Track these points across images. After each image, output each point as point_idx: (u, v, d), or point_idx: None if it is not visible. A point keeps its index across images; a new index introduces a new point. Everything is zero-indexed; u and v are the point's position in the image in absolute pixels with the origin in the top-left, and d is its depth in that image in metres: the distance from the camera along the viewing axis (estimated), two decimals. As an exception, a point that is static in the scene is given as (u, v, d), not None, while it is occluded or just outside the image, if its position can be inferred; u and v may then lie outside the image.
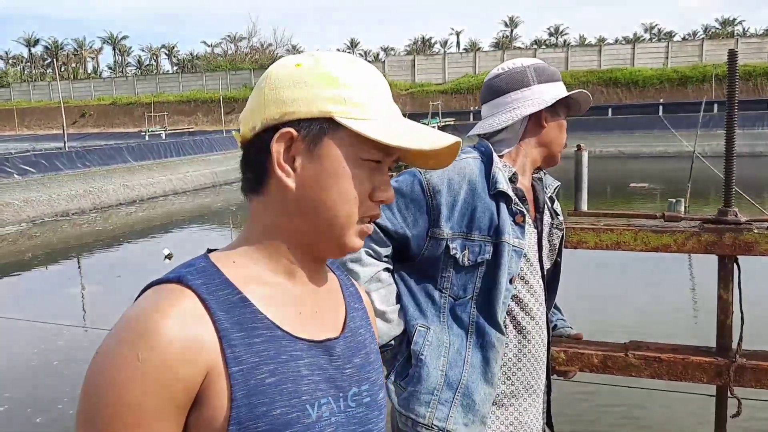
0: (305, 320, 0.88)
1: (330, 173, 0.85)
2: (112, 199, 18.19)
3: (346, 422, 0.87)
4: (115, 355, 0.77)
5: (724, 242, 2.04)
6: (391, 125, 0.87)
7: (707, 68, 33.34)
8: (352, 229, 0.89)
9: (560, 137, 1.73)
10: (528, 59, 1.76)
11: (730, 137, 2.19)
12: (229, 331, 0.80)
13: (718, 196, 8.68)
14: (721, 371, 2.01)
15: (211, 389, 0.78)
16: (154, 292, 0.82)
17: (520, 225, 1.64)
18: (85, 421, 0.77)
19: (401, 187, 1.62)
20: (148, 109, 42.81)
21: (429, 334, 1.60)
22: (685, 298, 8.10)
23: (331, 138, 0.85)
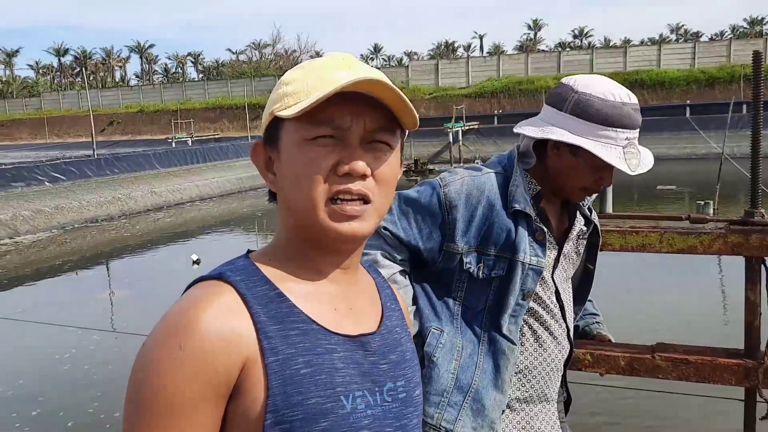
0: (340, 316, 0.91)
1: (287, 164, 0.90)
2: (140, 205, 18.47)
3: (383, 416, 0.89)
4: (159, 344, 0.82)
5: (751, 244, 2.03)
6: (319, 92, 0.85)
7: (735, 68, 32.81)
8: (320, 210, 0.87)
9: (574, 177, 1.58)
10: (610, 88, 1.52)
11: (755, 138, 2.18)
12: (266, 323, 0.84)
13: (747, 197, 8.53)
14: (749, 373, 1.99)
15: (249, 379, 0.82)
16: (197, 288, 0.88)
17: (540, 242, 1.62)
18: (131, 406, 0.82)
19: (420, 199, 1.63)
20: (175, 117, 43.38)
21: (442, 337, 1.62)
22: (712, 300, 7.99)
23: (281, 134, 0.90)
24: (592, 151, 1.48)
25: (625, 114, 1.49)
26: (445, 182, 1.64)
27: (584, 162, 1.52)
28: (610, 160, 1.48)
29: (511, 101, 36.25)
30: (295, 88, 0.89)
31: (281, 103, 0.90)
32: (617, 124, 1.49)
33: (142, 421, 0.80)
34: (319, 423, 0.83)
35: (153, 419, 0.80)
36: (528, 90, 36.44)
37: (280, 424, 0.82)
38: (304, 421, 0.82)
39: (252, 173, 23.49)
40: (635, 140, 1.53)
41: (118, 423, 5.10)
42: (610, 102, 1.49)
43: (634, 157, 1.52)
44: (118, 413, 5.24)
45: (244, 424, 0.83)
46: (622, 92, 1.52)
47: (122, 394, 3.15)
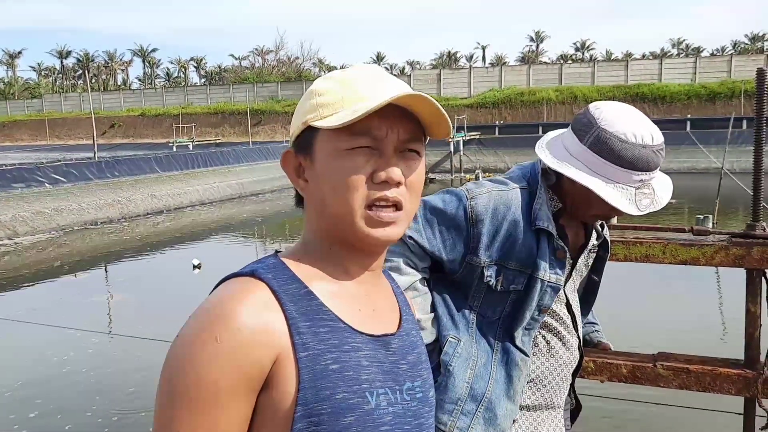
0: (364, 316, 0.95)
1: (322, 173, 0.94)
2: (140, 208, 18.47)
3: (403, 414, 0.93)
4: (195, 337, 0.85)
5: (752, 256, 2.05)
6: (356, 107, 0.90)
7: (736, 84, 32.91)
8: (357, 216, 0.92)
9: (587, 206, 1.59)
10: (633, 128, 1.50)
11: (758, 152, 2.22)
12: (297, 320, 0.87)
13: (746, 212, 8.57)
14: (749, 383, 2.01)
15: (281, 372, 0.85)
16: (231, 284, 0.91)
17: (561, 260, 1.64)
18: (165, 397, 0.84)
19: (446, 210, 1.64)
20: (176, 121, 43.43)
21: (459, 346, 1.64)
22: (713, 312, 8.03)
23: (316, 142, 0.94)
24: (601, 194, 1.49)
25: (643, 156, 1.49)
26: (472, 195, 1.64)
27: (596, 196, 1.52)
28: (618, 203, 1.49)
29: (513, 112, 36.34)
30: (330, 100, 0.94)
31: (316, 114, 0.94)
32: (633, 167, 1.49)
33: (176, 412, 0.82)
34: (346, 417, 0.86)
35: (188, 410, 0.82)
36: (529, 101, 36.54)
37: (309, 417, 0.85)
38: (331, 415, 0.85)
39: (253, 179, 23.54)
40: (651, 180, 1.54)
41: (116, 427, 5.10)
42: (630, 144, 1.48)
43: (647, 197, 1.53)
44: (116, 417, 5.24)
45: (275, 415, 0.85)
46: (645, 132, 1.50)
47: (120, 398, 3.20)
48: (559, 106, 35.93)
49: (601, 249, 1.81)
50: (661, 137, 1.53)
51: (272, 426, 0.86)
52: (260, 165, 25.02)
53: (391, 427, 0.90)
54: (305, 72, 53.30)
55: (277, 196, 22.80)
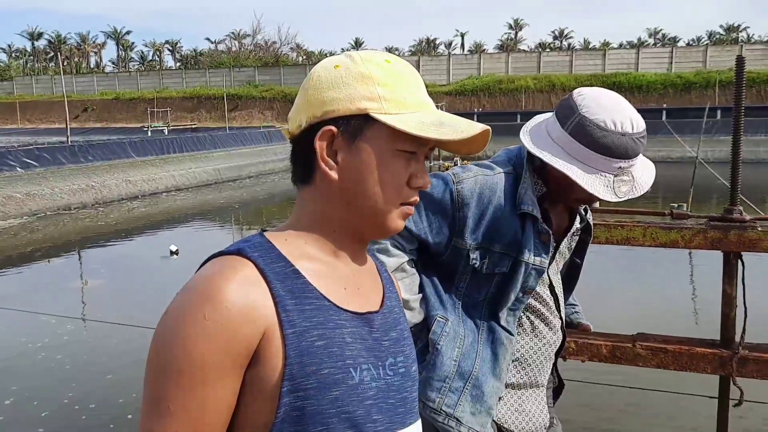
0: (349, 295, 0.97)
1: (368, 165, 0.94)
2: (114, 194, 18.23)
3: (386, 388, 0.95)
4: (183, 314, 0.85)
5: (729, 239, 2.09)
6: (423, 118, 0.94)
7: (711, 74, 33.40)
8: (393, 213, 0.97)
9: (569, 190, 1.60)
10: (614, 116, 1.51)
11: (736, 137, 2.25)
12: (284, 298, 0.89)
13: (719, 201, 8.71)
14: (724, 362, 2.06)
15: (268, 348, 0.86)
16: (217, 262, 0.91)
17: (545, 244, 1.66)
18: (154, 374, 0.85)
19: (433, 193, 1.65)
20: (151, 105, 42.87)
21: (447, 326, 1.66)
22: (691, 294, 8.23)
23: (368, 133, 0.94)
24: (578, 181, 1.51)
25: (622, 144, 1.50)
26: (458, 179, 1.65)
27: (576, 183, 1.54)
28: (595, 190, 1.51)
29: (491, 100, 36.48)
30: (392, 95, 0.94)
31: (379, 106, 0.93)
32: (611, 154, 1.50)
33: (166, 388, 0.83)
34: (331, 392, 0.88)
35: (177, 387, 0.83)
36: (508, 89, 36.69)
37: (296, 392, 0.86)
38: (317, 390, 0.87)
39: (230, 165, 23.35)
40: (631, 168, 1.55)
41: (92, 413, 5.06)
42: (609, 131, 1.49)
43: (626, 184, 1.54)
44: (93, 404, 5.19)
45: (262, 390, 0.87)
46: (626, 120, 1.51)
47: (97, 384, 3.17)
48: (537, 94, 36.14)
49: (583, 232, 1.84)
50: (642, 125, 1.54)
51: (260, 400, 0.87)
52: (237, 151, 24.82)
53: (375, 401, 0.93)
54: (283, 57, 52.90)
55: (254, 183, 22.65)
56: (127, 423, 4.83)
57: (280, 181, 23.35)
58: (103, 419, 4.95)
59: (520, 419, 1.72)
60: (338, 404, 0.88)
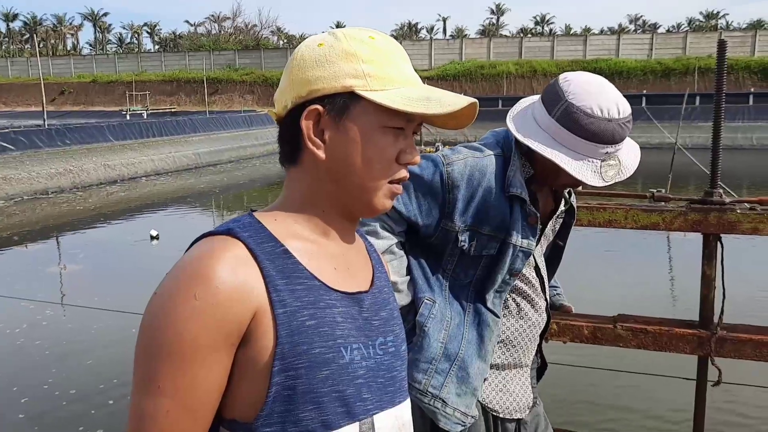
0: (339, 275, 0.97)
1: (355, 142, 0.93)
2: (93, 178, 17.99)
3: (376, 367, 0.96)
4: (173, 294, 0.85)
5: (709, 221, 2.12)
6: (409, 93, 0.93)
7: (690, 61, 33.68)
8: (381, 191, 0.97)
9: (555, 175, 1.61)
10: (601, 102, 1.52)
11: (717, 121, 2.27)
12: (274, 277, 0.88)
13: (697, 186, 8.86)
14: (703, 343, 2.10)
15: (259, 328, 0.86)
16: (207, 242, 0.91)
17: (533, 226, 1.67)
18: (144, 355, 0.85)
19: (423, 175, 1.64)
20: (129, 88, 42.22)
21: (434, 308, 1.67)
22: (671, 275, 8.37)
23: (355, 110, 0.93)
24: (565, 168, 1.52)
25: (608, 130, 1.51)
26: (448, 161, 1.65)
27: (563, 168, 1.55)
28: (583, 176, 1.53)
29: (473, 85, 36.46)
30: (378, 72, 0.93)
31: (364, 83, 0.92)
32: (599, 140, 1.52)
33: (157, 369, 0.83)
34: (322, 371, 0.88)
35: (168, 366, 0.83)
36: (489, 74, 36.71)
37: (287, 371, 0.86)
38: (308, 369, 0.87)
39: (210, 149, 23.14)
40: (617, 152, 1.56)
41: (73, 399, 5.02)
42: (596, 118, 1.50)
43: (612, 168, 1.56)
44: (74, 390, 5.16)
45: (253, 369, 0.87)
46: (612, 105, 1.52)
47: (77, 370, 3.14)
48: (519, 80, 36.21)
49: (567, 215, 1.85)
50: (628, 109, 1.55)
51: (251, 380, 0.87)
52: (217, 135, 24.58)
53: (365, 380, 0.93)
54: (263, 40, 52.36)
55: (234, 167, 22.47)
56: (108, 408, 4.80)
57: (261, 166, 23.20)
58: (84, 404, 4.92)
59: (504, 399, 1.74)
60: (329, 383, 0.88)
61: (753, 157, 22.69)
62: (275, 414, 0.86)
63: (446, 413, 1.64)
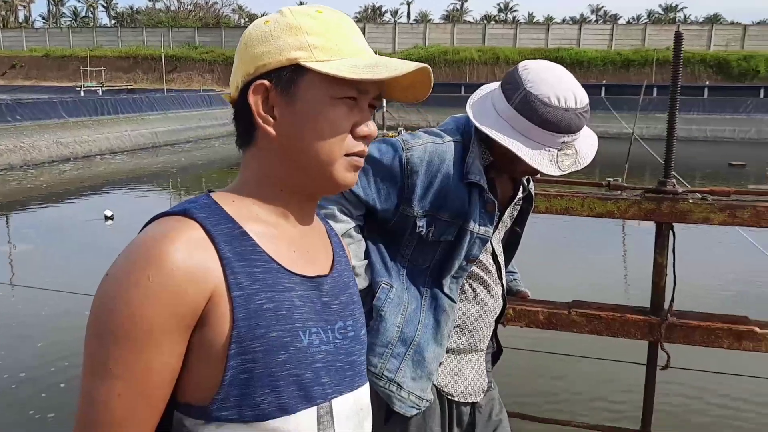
0: (298, 258, 0.95)
1: (305, 116, 0.91)
2: (45, 155, 17.47)
3: (335, 352, 0.95)
4: (126, 276, 0.82)
5: (662, 210, 2.17)
6: (356, 62, 0.91)
7: (649, 52, 34.32)
8: (338, 164, 0.94)
9: (514, 163, 1.60)
10: (558, 91, 1.53)
11: (672, 112, 2.32)
12: (231, 260, 0.86)
13: (652, 176, 9.04)
14: (653, 328, 2.16)
15: (215, 311, 0.84)
16: (162, 222, 0.88)
17: (490, 213, 1.68)
18: (96, 338, 0.82)
19: (382, 159, 1.63)
20: (84, 64, 40.97)
21: (391, 292, 1.67)
22: (624, 263, 8.58)
23: (302, 83, 0.91)
24: (522, 157, 1.53)
25: (566, 119, 1.52)
26: (408, 146, 1.64)
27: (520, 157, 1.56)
28: (539, 165, 1.54)
29: (436, 71, 36.46)
30: (324, 43, 0.91)
31: (309, 54, 0.90)
32: (556, 129, 1.53)
33: (108, 352, 0.81)
34: (280, 355, 0.87)
35: (120, 349, 0.81)
36: (453, 60, 36.80)
37: (243, 355, 0.85)
38: (265, 353, 0.86)
39: (168, 128, 22.68)
40: (574, 141, 1.58)
41: (23, 382, 4.89)
42: (553, 107, 1.51)
43: (569, 157, 1.58)
44: (23, 373, 5.03)
45: (209, 353, 0.85)
46: (569, 95, 1.53)
47: (27, 353, 3.05)
48: (481, 67, 36.39)
49: (525, 202, 1.87)
50: (585, 99, 1.57)
51: (207, 363, 0.85)
52: (176, 114, 24.10)
53: (324, 365, 0.92)
54: (224, 18, 51.39)
55: (193, 147, 22.09)
56: (59, 391, 4.70)
57: (221, 146, 22.86)
58: (35, 387, 4.80)
59: (459, 383, 1.75)
60: (286, 367, 0.87)
61: (706, 149, 23.36)
62: (231, 397, 0.85)
63: (401, 397, 1.65)
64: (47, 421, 4.30)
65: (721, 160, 20.17)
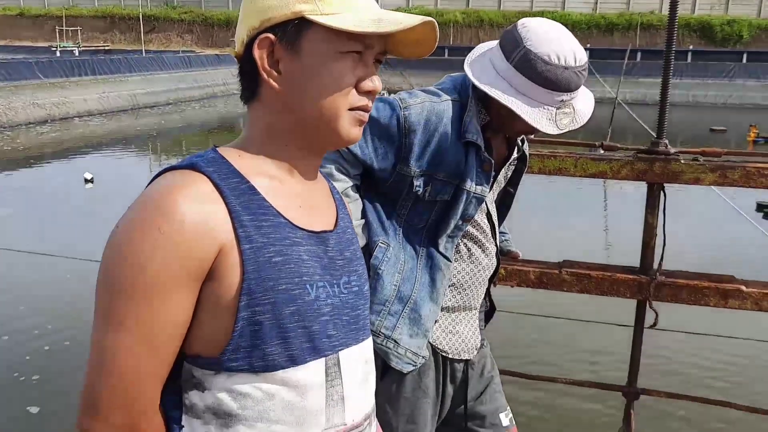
0: (304, 213, 0.96)
1: (310, 69, 0.91)
2: (21, 117, 17.14)
3: (341, 305, 0.96)
4: (137, 228, 0.83)
5: (654, 171, 2.18)
6: (361, 16, 0.90)
7: (633, 16, 34.16)
8: (342, 119, 0.93)
9: (511, 122, 1.60)
10: (557, 49, 1.51)
11: (666, 76, 2.30)
12: (240, 213, 0.87)
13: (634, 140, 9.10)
14: (642, 287, 2.18)
15: (225, 263, 0.85)
16: (170, 176, 0.88)
17: (487, 173, 1.67)
18: (106, 289, 0.83)
19: (380, 118, 1.62)
20: (60, 23, 39.90)
21: (389, 251, 1.68)
22: (614, 224, 8.73)
23: (307, 36, 0.90)
24: (522, 115, 1.53)
25: (564, 78, 1.52)
26: (405, 104, 1.63)
27: (520, 115, 1.55)
28: (538, 124, 1.54)
29: (419, 33, 36.08)
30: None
31: (314, 7, 0.89)
32: (555, 87, 1.53)
33: (118, 304, 0.82)
34: (288, 307, 0.88)
35: (130, 300, 0.81)
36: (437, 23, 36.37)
37: (253, 307, 0.86)
38: (275, 305, 0.87)
39: (147, 90, 22.28)
40: (572, 100, 1.57)
41: (7, 345, 4.87)
42: (553, 65, 1.51)
43: (567, 116, 1.58)
44: (6, 336, 5.00)
45: (219, 305, 0.86)
46: (569, 53, 1.53)
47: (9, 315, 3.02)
48: (465, 29, 36.03)
49: (519, 162, 1.87)
50: (584, 57, 1.56)
51: (217, 315, 0.86)
52: (155, 75, 23.66)
53: (330, 318, 0.94)
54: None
55: (172, 110, 21.76)
56: (44, 354, 4.68)
57: (201, 109, 22.55)
58: (19, 351, 4.78)
59: (453, 340, 1.77)
60: (295, 319, 0.89)
61: (688, 114, 23.47)
62: (241, 349, 0.86)
63: (398, 353, 1.67)
64: (32, 383, 4.29)
65: (703, 126, 20.32)
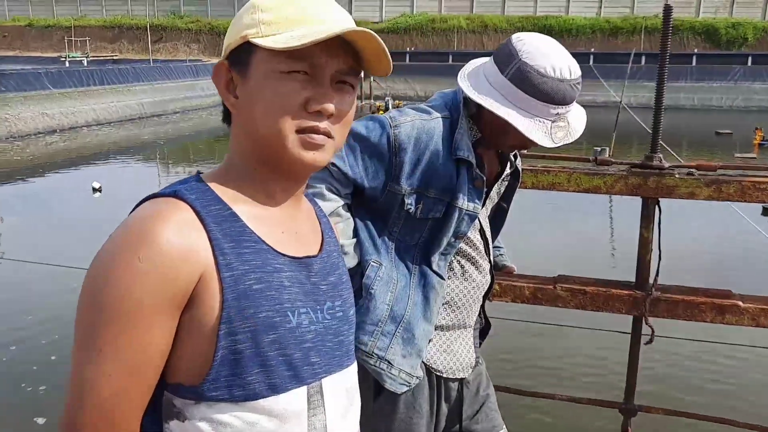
0: (287, 239, 0.96)
1: (257, 92, 0.92)
2: (30, 127, 17.28)
3: (324, 332, 0.97)
4: (118, 255, 0.83)
5: (648, 185, 2.18)
6: (300, 32, 0.89)
7: (638, 20, 34.06)
8: (289, 141, 0.91)
9: (504, 136, 1.61)
10: (553, 62, 1.52)
11: (659, 86, 2.31)
12: (221, 241, 0.88)
13: (640, 145, 9.07)
14: (638, 303, 2.18)
15: (205, 291, 0.86)
16: (152, 204, 0.89)
17: (479, 190, 1.68)
18: (86, 316, 0.83)
19: (370, 137, 1.63)
20: (68, 34, 40.23)
21: (381, 270, 1.67)
22: (611, 238, 8.65)
23: (253, 60, 0.92)
24: (518, 127, 1.53)
25: (560, 90, 1.53)
26: (395, 123, 1.63)
27: (514, 128, 1.55)
28: (534, 136, 1.54)
29: (424, 39, 36.12)
30: (274, 18, 0.91)
31: (257, 30, 0.91)
32: (550, 100, 1.53)
33: (98, 330, 0.82)
34: (269, 335, 0.89)
35: (110, 329, 0.82)
36: (440, 29, 36.37)
37: (234, 335, 0.86)
38: (255, 333, 0.87)
39: (154, 99, 22.42)
40: (567, 113, 1.58)
41: (14, 355, 4.91)
42: (548, 78, 1.52)
43: (561, 129, 1.58)
44: (14, 346, 5.04)
45: (199, 333, 0.86)
46: (564, 66, 1.54)
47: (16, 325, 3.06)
48: (469, 35, 36.03)
49: (512, 177, 1.88)
50: (578, 71, 1.57)
51: (197, 343, 0.87)
52: (162, 85, 23.81)
53: (313, 344, 0.94)
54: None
55: (180, 119, 21.88)
56: (50, 364, 4.73)
57: (208, 117, 22.65)
58: (26, 360, 4.83)
59: (448, 359, 1.77)
60: (276, 347, 0.89)
61: (694, 117, 23.40)
62: (222, 377, 0.86)
63: (392, 374, 1.66)
64: (39, 393, 4.34)
65: (708, 129, 20.24)
